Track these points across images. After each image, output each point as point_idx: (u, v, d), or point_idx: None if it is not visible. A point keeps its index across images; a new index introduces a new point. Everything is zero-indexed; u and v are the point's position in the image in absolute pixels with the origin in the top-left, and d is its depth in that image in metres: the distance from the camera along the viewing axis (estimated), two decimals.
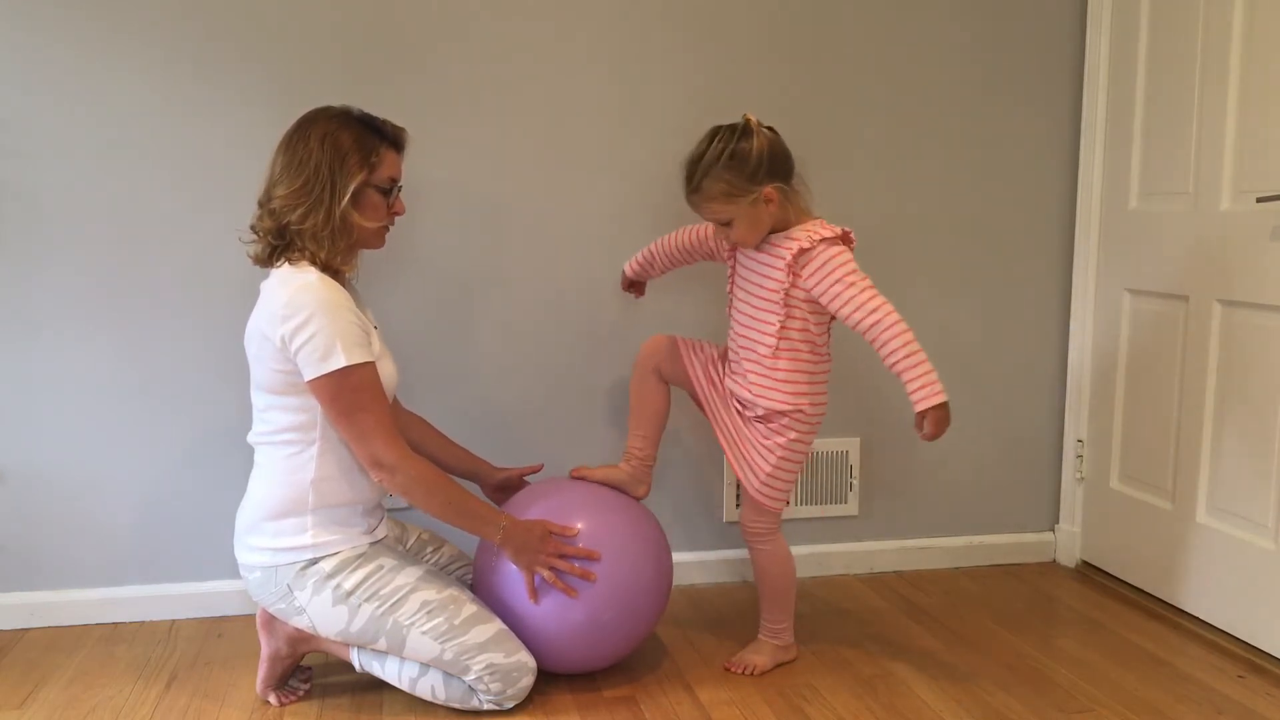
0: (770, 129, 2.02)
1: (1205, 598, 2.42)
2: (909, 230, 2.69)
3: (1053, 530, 2.88)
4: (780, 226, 2.04)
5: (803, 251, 1.98)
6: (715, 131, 2.01)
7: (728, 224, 2.02)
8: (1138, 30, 2.55)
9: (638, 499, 2.19)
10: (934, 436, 1.96)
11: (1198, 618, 2.43)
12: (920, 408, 1.93)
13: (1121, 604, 2.57)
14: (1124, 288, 2.63)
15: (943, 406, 1.93)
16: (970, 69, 2.67)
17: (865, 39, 2.61)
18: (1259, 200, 2.18)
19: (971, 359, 2.78)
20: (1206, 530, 2.40)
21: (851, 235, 2.05)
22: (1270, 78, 2.19)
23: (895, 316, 1.94)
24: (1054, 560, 2.87)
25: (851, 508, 2.76)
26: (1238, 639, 2.33)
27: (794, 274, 2.00)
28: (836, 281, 1.96)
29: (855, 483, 2.75)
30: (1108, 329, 2.69)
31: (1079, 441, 2.79)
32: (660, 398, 2.22)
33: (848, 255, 1.99)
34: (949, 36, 2.65)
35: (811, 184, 2.53)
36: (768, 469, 2.10)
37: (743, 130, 1.99)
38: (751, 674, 2.18)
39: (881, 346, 1.95)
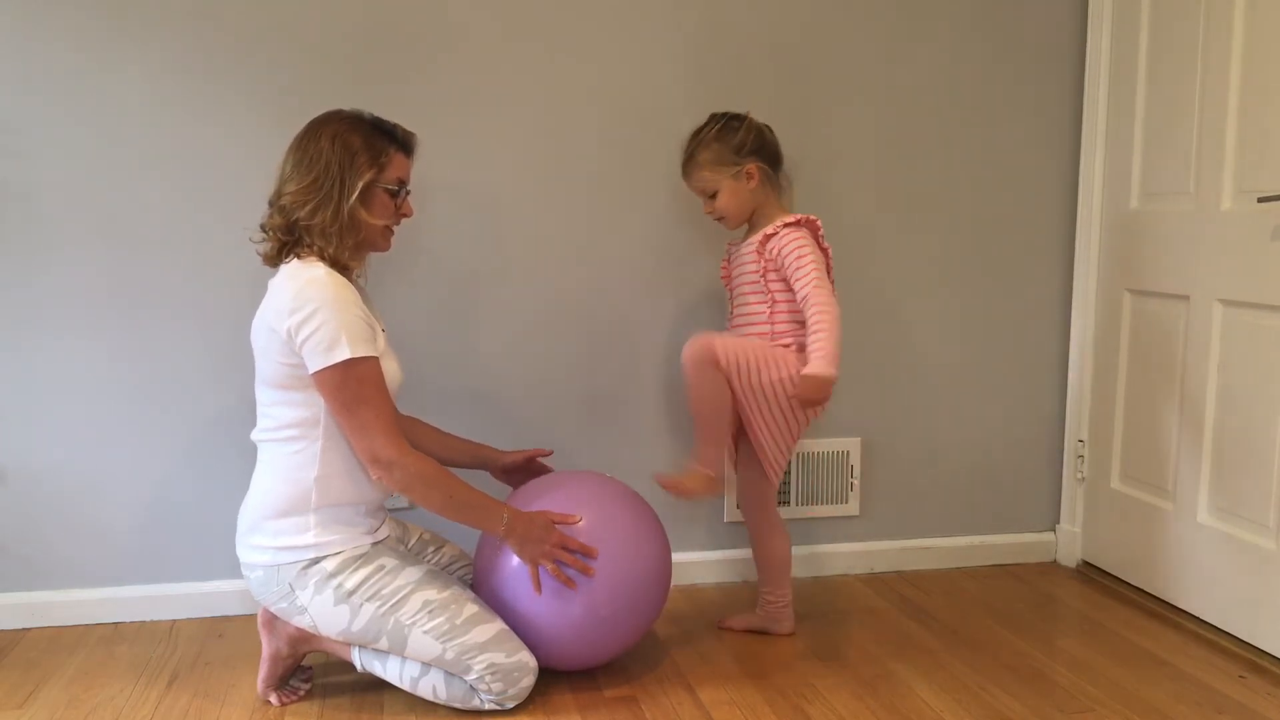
0: (767, 126, 2.24)
1: (1205, 598, 2.42)
2: (910, 230, 2.70)
3: (1053, 530, 2.88)
4: (762, 217, 2.23)
5: (768, 237, 2.20)
6: (714, 114, 2.25)
7: (713, 196, 2.22)
8: (1138, 30, 2.55)
9: (712, 495, 2.31)
10: (803, 401, 2.13)
11: (1198, 618, 2.44)
12: (804, 370, 2.09)
13: (1121, 604, 2.57)
14: (1124, 288, 2.63)
15: (826, 380, 2.08)
16: (971, 69, 2.67)
17: (865, 39, 2.61)
18: (1259, 200, 2.18)
19: (972, 359, 2.78)
20: (1206, 530, 2.40)
21: (817, 221, 2.21)
22: (1270, 78, 2.19)
23: (826, 294, 2.11)
24: (1054, 560, 2.87)
25: (852, 508, 2.76)
26: (1238, 639, 2.33)
27: (764, 258, 2.20)
28: (788, 256, 2.15)
29: (855, 483, 2.75)
30: (1108, 329, 2.69)
31: (1079, 441, 2.79)
32: (724, 390, 2.17)
33: (804, 237, 2.18)
34: (949, 37, 2.65)
35: (811, 184, 2.56)
36: (777, 431, 2.22)
37: (737, 115, 2.23)
38: (734, 629, 2.39)
39: (808, 318, 2.11)
